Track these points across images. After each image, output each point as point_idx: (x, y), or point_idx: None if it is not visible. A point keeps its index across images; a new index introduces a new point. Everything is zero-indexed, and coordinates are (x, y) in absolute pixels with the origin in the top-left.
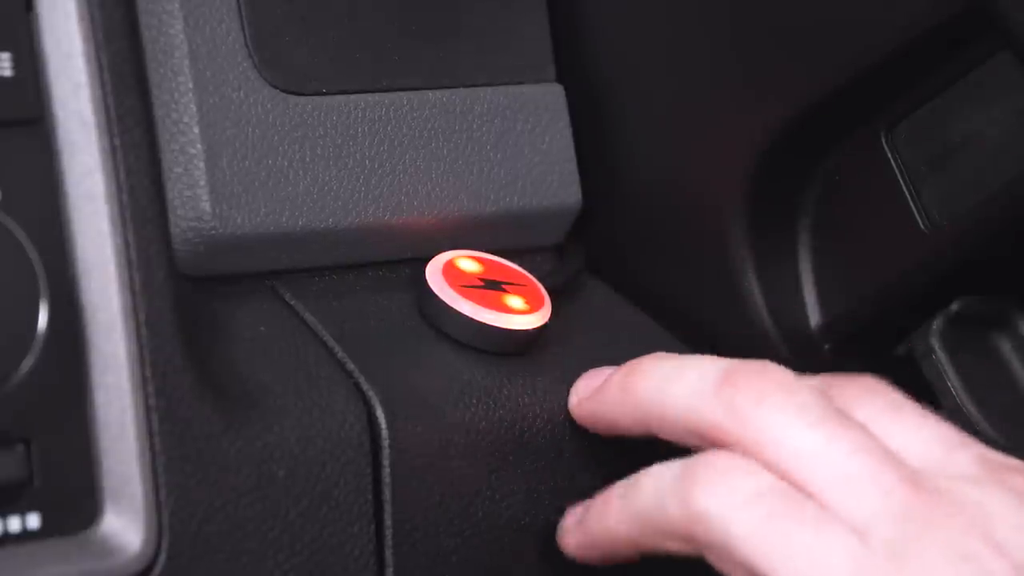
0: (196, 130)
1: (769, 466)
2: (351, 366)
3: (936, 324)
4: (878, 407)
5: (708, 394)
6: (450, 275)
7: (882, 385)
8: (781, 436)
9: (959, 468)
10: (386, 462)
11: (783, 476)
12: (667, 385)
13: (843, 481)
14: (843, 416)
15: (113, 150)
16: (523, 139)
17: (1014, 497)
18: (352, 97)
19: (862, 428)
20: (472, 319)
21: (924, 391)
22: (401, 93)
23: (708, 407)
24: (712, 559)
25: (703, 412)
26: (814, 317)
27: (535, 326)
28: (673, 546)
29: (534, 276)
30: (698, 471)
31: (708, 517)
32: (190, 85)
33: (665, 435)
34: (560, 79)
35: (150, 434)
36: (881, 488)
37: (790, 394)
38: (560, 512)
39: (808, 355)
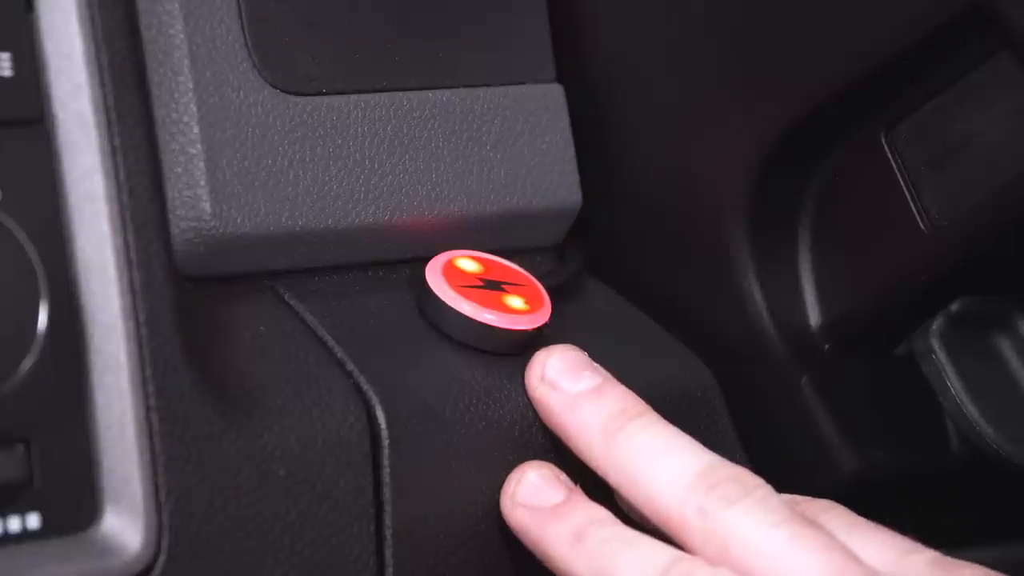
0: (196, 130)
1: (735, 566)
2: (351, 366)
3: (936, 324)
4: (838, 518)
5: (681, 489)
6: (450, 275)
7: (841, 506)
8: (747, 536)
9: (915, 569)
10: (386, 462)
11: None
12: (651, 464)
13: None
14: (807, 519)
15: (113, 150)
16: (523, 139)
17: None
18: (352, 97)
19: (825, 530)
20: (472, 319)
21: (924, 391)
22: (401, 93)
23: (677, 503)
24: None
25: (673, 506)
26: (814, 317)
27: (535, 326)
28: None
29: (534, 276)
30: None
31: None
32: (190, 85)
33: (632, 503)
34: (560, 79)
35: (150, 434)
36: None
37: (758, 500)
38: None
39: (808, 355)
